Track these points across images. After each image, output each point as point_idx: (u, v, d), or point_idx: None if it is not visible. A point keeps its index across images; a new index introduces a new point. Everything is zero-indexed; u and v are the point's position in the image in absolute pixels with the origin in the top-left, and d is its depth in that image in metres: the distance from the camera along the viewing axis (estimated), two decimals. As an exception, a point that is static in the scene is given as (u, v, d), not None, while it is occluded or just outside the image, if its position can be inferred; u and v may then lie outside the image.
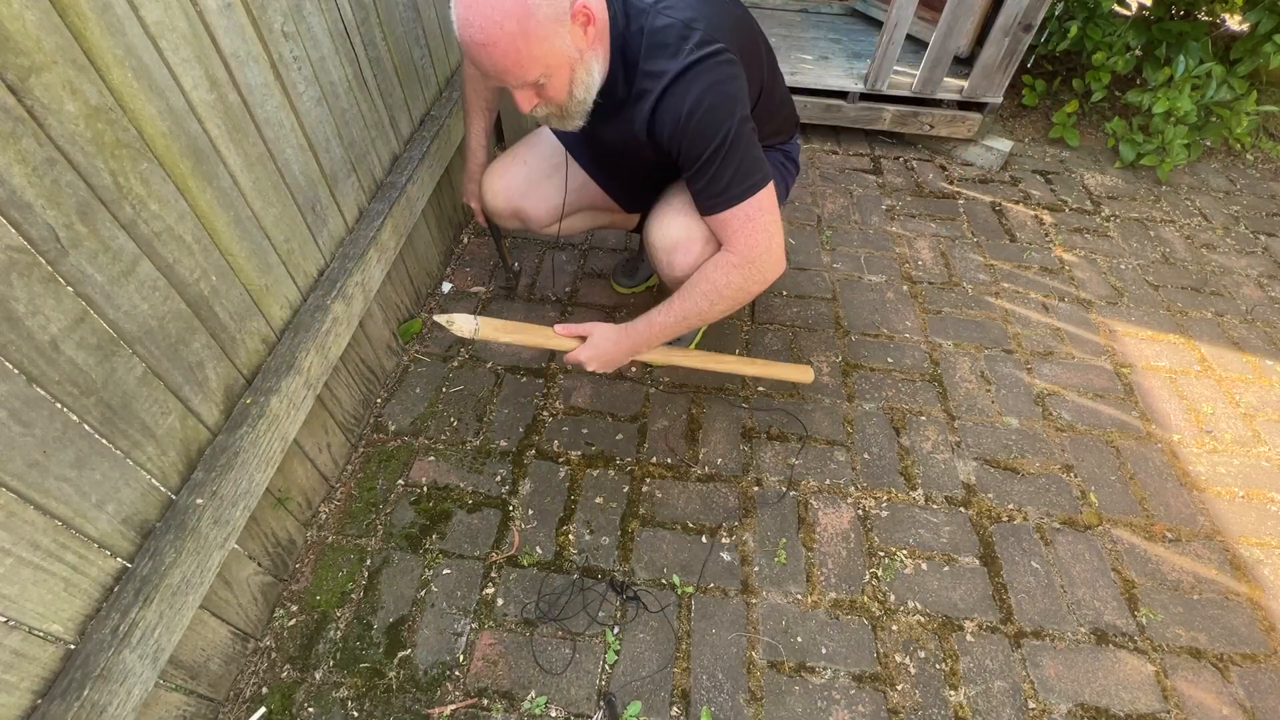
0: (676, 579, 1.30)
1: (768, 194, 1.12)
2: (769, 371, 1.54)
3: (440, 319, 1.15)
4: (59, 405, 0.74)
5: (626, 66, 1.07)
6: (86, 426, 0.78)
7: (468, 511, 1.40)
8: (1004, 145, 2.42)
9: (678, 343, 1.66)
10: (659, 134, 1.09)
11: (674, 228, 1.22)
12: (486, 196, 1.45)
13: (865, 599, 1.29)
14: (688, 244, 1.21)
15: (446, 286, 1.88)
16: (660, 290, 1.74)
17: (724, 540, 1.37)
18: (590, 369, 1.26)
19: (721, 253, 1.17)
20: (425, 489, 1.43)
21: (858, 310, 1.87)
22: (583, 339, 1.26)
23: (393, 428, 1.54)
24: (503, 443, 1.52)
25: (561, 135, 1.47)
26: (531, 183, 1.42)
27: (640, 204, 1.55)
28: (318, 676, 1.17)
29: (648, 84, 1.05)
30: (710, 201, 1.12)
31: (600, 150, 1.41)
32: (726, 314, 1.23)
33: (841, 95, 2.38)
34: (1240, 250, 2.17)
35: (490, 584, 1.29)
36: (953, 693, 1.18)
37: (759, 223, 1.12)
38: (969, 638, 1.25)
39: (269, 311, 1.11)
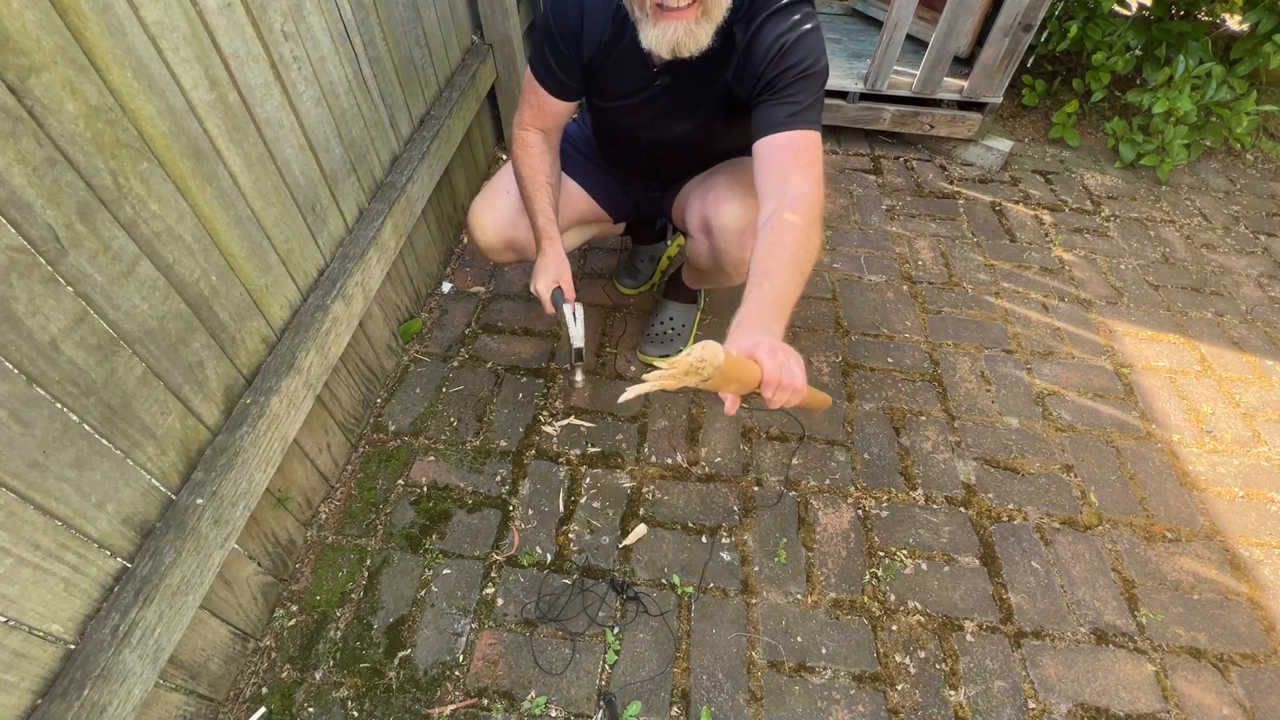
0: (676, 579, 1.30)
1: (819, 141, 1.10)
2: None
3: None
4: (59, 405, 0.74)
5: (732, 22, 1.06)
6: (86, 426, 0.78)
7: (468, 511, 1.40)
8: (1004, 145, 2.42)
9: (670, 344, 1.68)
10: (757, 49, 1.06)
11: (742, 210, 1.23)
12: (476, 234, 1.40)
13: (865, 599, 1.29)
14: (754, 226, 1.20)
15: (446, 286, 1.88)
16: (671, 284, 1.72)
17: (724, 540, 1.37)
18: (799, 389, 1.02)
19: (774, 199, 1.02)
20: (425, 489, 1.43)
21: (858, 310, 1.87)
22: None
23: (393, 428, 1.54)
24: (503, 443, 1.52)
25: (568, 138, 1.45)
26: (519, 211, 1.37)
27: (629, 210, 1.55)
28: (318, 676, 1.17)
29: (750, 23, 1.06)
30: (796, 116, 1.07)
31: (632, 137, 1.35)
32: None
33: (841, 95, 2.38)
34: (1240, 250, 2.17)
35: (490, 584, 1.29)
36: (953, 693, 1.18)
37: (815, 157, 1.08)
38: (969, 638, 1.25)
39: (269, 311, 1.11)
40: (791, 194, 1.01)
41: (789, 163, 1.04)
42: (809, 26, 1.05)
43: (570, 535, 1.36)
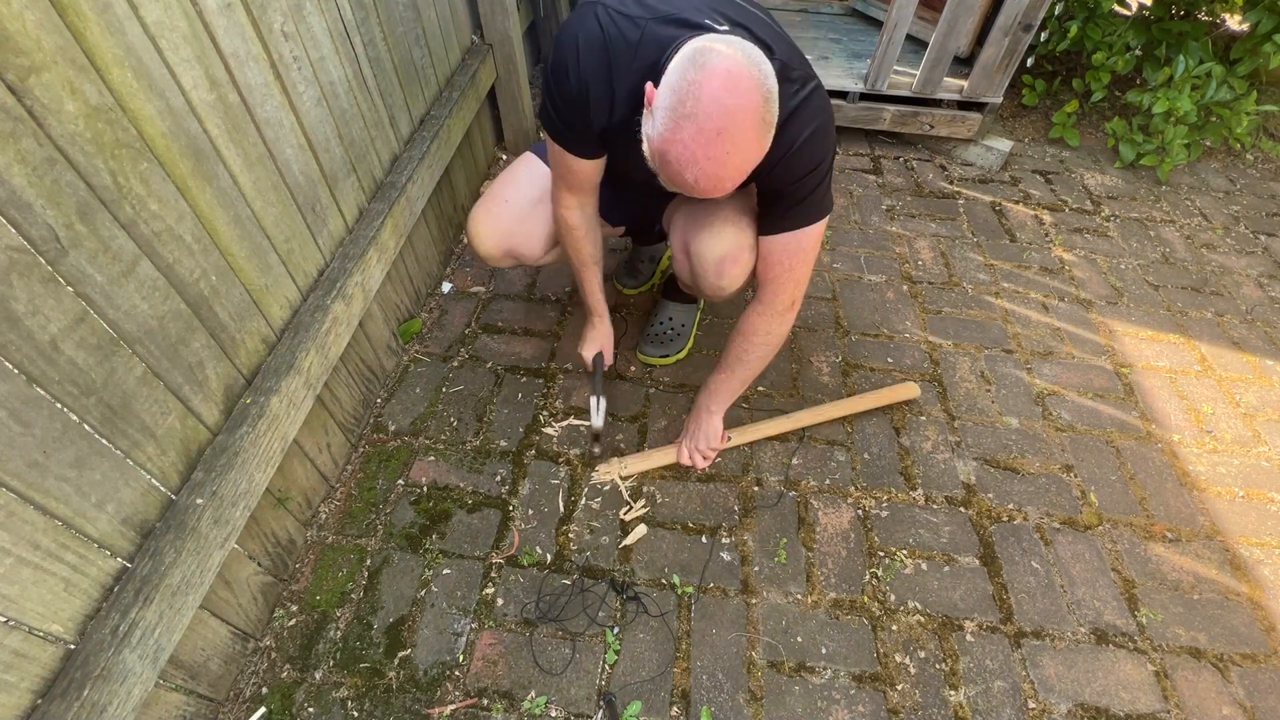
0: (676, 579, 1.30)
1: (823, 226, 1.14)
2: (876, 401, 1.60)
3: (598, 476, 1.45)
4: (59, 405, 0.74)
5: None
6: (86, 426, 0.78)
7: (468, 511, 1.40)
8: (1004, 145, 2.42)
9: (669, 348, 1.71)
10: (768, 168, 1.01)
11: (725, 238, 1.22)
12: (475, 242, 1.40)
13: (865, 599, 1.29)
14: (737, 253, 1.22)
15: (446, 286, 1.88)
16: (671, 284, 1.72)
17: (724, 540, 1.37)
18: (709, 457, 1.45)
19: (766, 304, 1.22)
20: (425, 489, 1.43)
21: (858, 310, 1.87)
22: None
23: (393, 428, 1.54)
24: (503, 443, 1.52)
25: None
26: (518, 219, 1.38)
27: (629, 218, 1.54)
28: (318, 676, 1.17)
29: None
30: (803, 213, 1.11)
31: (623, 179, 1.34)
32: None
33: (841, 95, 2.38)
34: (1240, 250, 2.17)
35: (490, 584, 1.29)
36: (953, 693, 1.18)
37: (808, 255, 1.16)
38: (969, 638, 1.25)
39: (269, 311, 1.11)
40: (780, 307, 1.22)
41: (785, 271, 1.17)
42: (812, 126, 1.00)
43: (570, 535, 1.36)
